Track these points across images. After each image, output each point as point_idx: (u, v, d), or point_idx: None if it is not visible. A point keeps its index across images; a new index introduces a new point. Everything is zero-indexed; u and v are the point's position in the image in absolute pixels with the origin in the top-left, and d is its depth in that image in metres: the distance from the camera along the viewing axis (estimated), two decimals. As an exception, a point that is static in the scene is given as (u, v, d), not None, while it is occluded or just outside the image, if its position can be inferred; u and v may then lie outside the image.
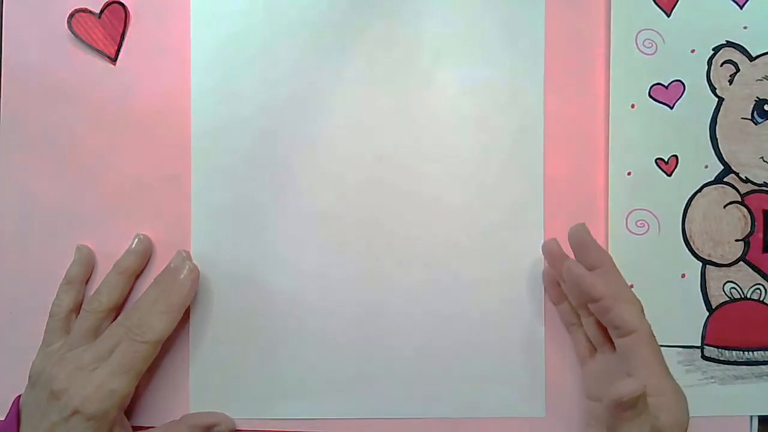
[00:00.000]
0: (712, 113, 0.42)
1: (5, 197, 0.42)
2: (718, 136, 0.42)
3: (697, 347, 0.42)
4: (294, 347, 0.41)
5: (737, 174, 0.42)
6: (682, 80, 0.42)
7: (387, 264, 0.41)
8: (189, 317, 0.41)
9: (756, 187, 0.42)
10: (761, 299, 0.42)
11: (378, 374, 0.36)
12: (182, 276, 0.39)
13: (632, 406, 0.33)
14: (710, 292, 0.42)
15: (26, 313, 0.41)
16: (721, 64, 0.42)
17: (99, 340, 0.38)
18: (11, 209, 0.42)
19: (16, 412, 0.38)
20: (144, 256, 0.41)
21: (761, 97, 0.42)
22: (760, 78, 0.42)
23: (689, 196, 0.42)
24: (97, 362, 0.37)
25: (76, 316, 0.40)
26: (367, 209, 0.41)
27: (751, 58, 0.42)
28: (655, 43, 0.42)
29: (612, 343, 0.37)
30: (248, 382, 0.41)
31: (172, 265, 0.40)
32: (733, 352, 0.42)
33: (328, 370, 0.41)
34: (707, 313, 0.42)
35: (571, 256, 0.39)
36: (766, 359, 0.42)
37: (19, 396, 0.39)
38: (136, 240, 0.41)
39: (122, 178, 0.42)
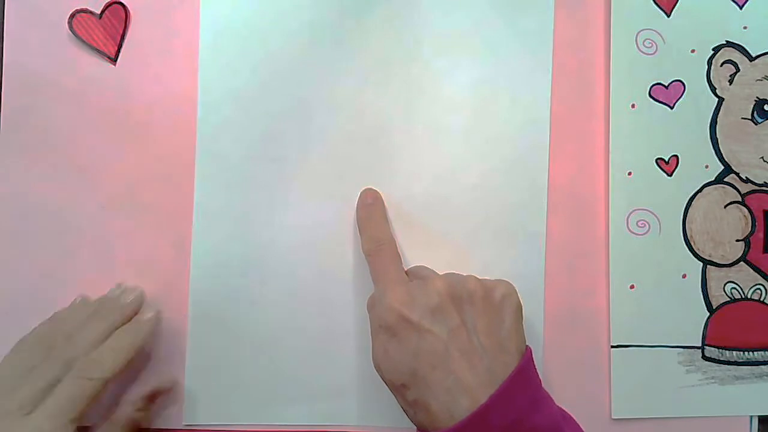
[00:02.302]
0: (712, 113, 0.42)
1: (5, 197, 0.42)
2: (718, 136, 0.42)
3: (697, 347, 0.42)
4: (293, 353, 0.41)
5: (737, 174, 0.42)
6: (683, 80, 0.42)
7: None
8: (186, 320, 0.41)
9: (756, 187, 0.42)
10: (762, 299, 0.42)
11: (379, 381, 0.36)
12: (146, 317, 0.37)
13: None
14: (711, 292, 0.42)
15: (25, 313, 0.41)
16: (721, 64, 0.42)
17: (33, 375, 0.32)
18: (11, 209, 0.42)
19: None
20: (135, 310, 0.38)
21: (761, 97, 0.42)
22: (760, 78, 0.42)
23: (690, 196, 0.42)
24: (31, 405, 0.31)
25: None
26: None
27: (751, 58, 0.42)
28: (655, 43, 0.42)
29: None
30: (246, 387, 0.41)
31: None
32: (734, 353, 0.42)
33: (327, 376, 0.41)
34: (708, 314, 0.42)
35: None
36: (766, 359, 0.42)
37: None
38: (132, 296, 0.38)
39: (122, 178, 0.41)
